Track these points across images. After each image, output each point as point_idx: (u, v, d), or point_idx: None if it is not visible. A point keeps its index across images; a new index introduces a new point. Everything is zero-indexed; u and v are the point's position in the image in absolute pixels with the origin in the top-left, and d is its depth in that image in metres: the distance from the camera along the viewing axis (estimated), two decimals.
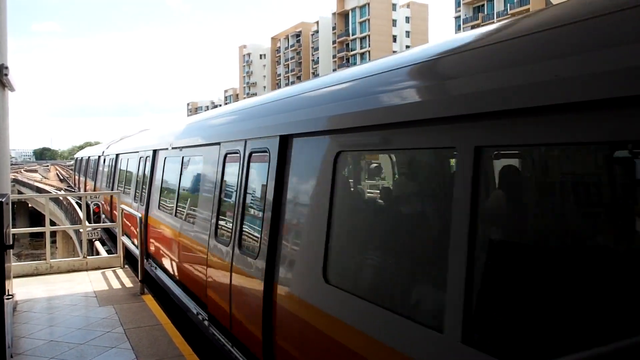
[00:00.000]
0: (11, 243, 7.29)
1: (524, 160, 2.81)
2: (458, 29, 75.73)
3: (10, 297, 7.44)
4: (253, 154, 5.55)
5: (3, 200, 5.66)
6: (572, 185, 2.47)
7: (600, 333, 2.10)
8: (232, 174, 6.12)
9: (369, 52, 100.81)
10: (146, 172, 11.32)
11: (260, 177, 5.36)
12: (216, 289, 6.22)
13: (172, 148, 9.47)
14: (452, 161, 2.92)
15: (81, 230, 11.79)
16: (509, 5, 71.03)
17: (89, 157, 27.71)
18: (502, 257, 2.68)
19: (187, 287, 7.63)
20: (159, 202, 9.95)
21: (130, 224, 12.38)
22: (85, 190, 26.56)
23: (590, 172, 2.42)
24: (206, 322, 6.52)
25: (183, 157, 8.72)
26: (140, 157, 12.34)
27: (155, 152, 10.96)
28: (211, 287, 6.39)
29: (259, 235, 5.06)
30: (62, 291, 9.01)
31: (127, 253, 11.10)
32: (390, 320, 3.12)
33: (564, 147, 2.38)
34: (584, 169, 2.44)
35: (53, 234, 32.86)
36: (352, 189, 4.19)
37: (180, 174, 8.76)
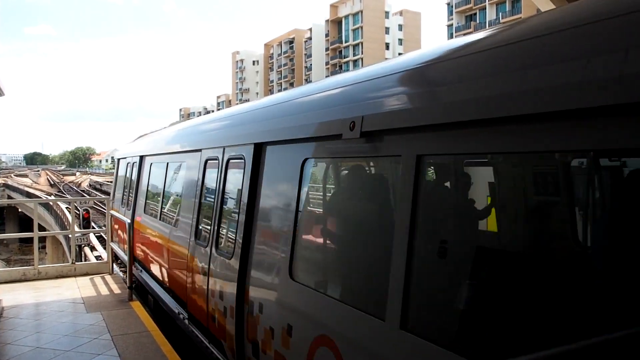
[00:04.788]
0: None
1: None
2: (450, 37, 76.31)
3: None
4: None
5: None
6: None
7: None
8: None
9: (362, 59, 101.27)
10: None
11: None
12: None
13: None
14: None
15: (70, 235, 11.72)
16: (501, 14, 71.76)
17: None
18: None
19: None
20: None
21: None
22: None
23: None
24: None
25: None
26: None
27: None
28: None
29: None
30: (50, 297, 8.93)
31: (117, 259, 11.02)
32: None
33: None
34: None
35: (42, 239, 32.60)
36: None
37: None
